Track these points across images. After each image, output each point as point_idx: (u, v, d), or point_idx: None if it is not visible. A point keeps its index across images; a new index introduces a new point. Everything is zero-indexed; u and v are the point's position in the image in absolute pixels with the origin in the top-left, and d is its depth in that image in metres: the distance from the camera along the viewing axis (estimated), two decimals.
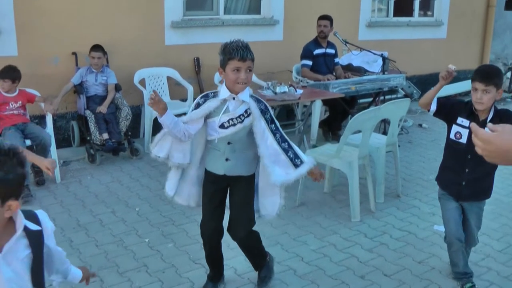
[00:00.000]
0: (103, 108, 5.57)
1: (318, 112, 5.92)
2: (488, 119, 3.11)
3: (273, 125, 2.90)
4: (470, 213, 3.32)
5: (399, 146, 6.48)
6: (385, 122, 6.45)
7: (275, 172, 2.89)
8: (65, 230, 4.10)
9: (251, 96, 2.89)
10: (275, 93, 5.23)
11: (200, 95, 2.92)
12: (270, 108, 2.96)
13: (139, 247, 3.86)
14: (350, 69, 6.98)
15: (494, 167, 3.21)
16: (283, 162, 2.90)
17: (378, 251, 3.88)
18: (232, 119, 2.84)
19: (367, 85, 6.21)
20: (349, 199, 4.44)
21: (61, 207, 4.54)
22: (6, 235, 1.67)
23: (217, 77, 6.28)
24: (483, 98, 3.03)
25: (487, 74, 3.05)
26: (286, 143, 2.93)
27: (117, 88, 5.88)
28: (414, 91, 8.47)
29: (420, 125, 7.59)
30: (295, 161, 2.91)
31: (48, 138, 4.90)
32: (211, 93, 2.90)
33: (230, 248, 3.50)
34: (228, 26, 6.96)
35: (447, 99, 3.42)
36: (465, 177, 3.21)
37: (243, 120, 2.85)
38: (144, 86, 6.31)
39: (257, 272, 3.36)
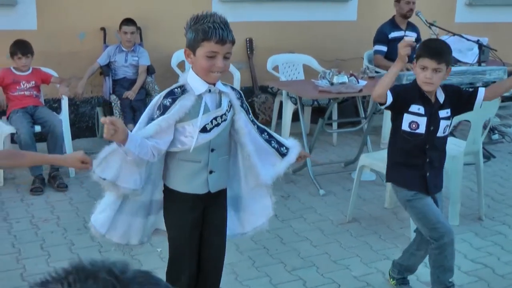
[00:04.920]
0: (131, 94, 5.65)
1: None
2: (441, 101, 3.17)
3: (250, 115, 2.78)
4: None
5: (494, 156, 6.18)
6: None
7: (262, 171, 2.78)
8: (68, 231, 4.19)
9: (224, 84, 2.72)
10: (332, 84, 5.09)
11: (163, 94, 2.58)
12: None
13: (149, 257, 3.86)
14: None
15: (445, 151, 3.32)
16: (269, 155, 2.83)
17: None
18: (216, 118, 2.59)
19: (453, 79, 5.87)
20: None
21: (69, 205, 4.65)
22: None
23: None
24: (433, 77, 3.03)
25: (439, 50, 3.07)
26: (266, 133, 2.85)
27: (150, 70, 5.96)
28: None
29: None
30: (281, 149, 2.87)
31: (58, 124, 4.96)
32: (177, 88, 2.57)
33: None
34: (288, 2, 6.86)
35: (397, 86, 3.32)
36: (427, 168, 3.25)
37: (227, 116, 2.67)
38: (183, 70, 6.34)
39: None
